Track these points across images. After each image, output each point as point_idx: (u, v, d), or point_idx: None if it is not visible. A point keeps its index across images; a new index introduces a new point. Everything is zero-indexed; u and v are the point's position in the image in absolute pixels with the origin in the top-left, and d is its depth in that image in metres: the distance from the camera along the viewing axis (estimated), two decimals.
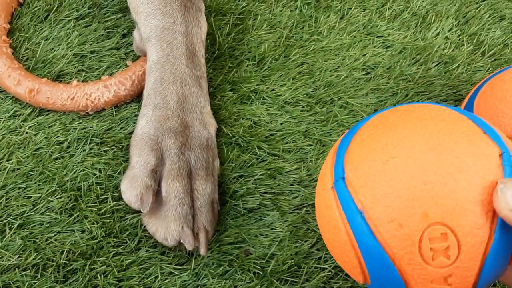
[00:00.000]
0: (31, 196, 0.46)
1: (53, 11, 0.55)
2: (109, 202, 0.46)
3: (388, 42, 0.56)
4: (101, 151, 0.48)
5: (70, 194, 0.46)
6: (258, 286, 0.43)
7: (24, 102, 0.50)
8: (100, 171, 0.47)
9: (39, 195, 0.46)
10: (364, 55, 0.55)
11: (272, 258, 0.44)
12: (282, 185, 0.48)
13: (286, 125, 0.51)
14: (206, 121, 0.47)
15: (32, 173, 0.47)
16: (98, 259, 0.44)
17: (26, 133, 0.49)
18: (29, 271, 0.43)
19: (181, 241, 0.43)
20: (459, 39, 0.57)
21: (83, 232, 0.45)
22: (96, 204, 0.46)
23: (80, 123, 0.49)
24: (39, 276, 0.43)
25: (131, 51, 0.54)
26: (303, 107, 0.52)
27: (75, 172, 0.47)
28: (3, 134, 0.49)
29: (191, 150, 0.45)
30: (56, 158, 0.48)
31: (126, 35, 0.55)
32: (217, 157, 0.47)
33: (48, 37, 0.54)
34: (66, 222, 0.45)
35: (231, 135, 0.50)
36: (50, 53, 0.53)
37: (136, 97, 0.51)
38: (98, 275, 0.43)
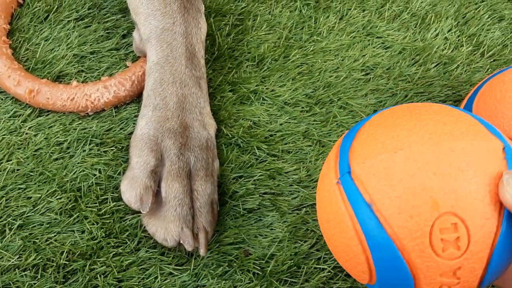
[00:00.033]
0: (31, 197, 0.46)
1: (53, 12, 0.55)
2: (109, 203, 0.46)
3: (388, 43, 0.56)
4: (101, 152, 0.48)
5: (70, 195, 0.46)
6: (258, 287, 0.43)
7: (24, 103, 0.50)
8: (100, 172, 0.47)
9: (39, 196, 0.46)
10: (364, 56, 0.55)
11: (272, 259, 0.44)
12: (282, 186, 0.48)
13: (286, 126, 0.51)
14: (206, 122, 0.47)
15: (32, 174, 0.47)
16: (98, 260, 0.44)
17: (26, 134, 0.49)
18: (29, 272, 0.43)
19: (181, 242, 0.43)
20: (459, 40, 0.57)
21: (83, 233, 0.45)
22: (96, 205, 0.46)
23: (80, 124, 0.49)
24: (39, 277, 0.43)
25: (131, 52, 0.54)
26: (303, 108, 0.52)
27: (75, 173, 0.47)
28: (3, 135, 0.49)
29: (191, 151, 0.45)
30: (56, 159, 0.48)
31: (126, 36, 0.55)
32: (217, 158, 0.47)
33: (48, 38, 0.54)
34: (66, 223, 0.45)
35: (231, 136, 0.50)
36: (50, 54, 0.53)
37: (136, 98, 0.51)
38: (98, 276, 0.43)
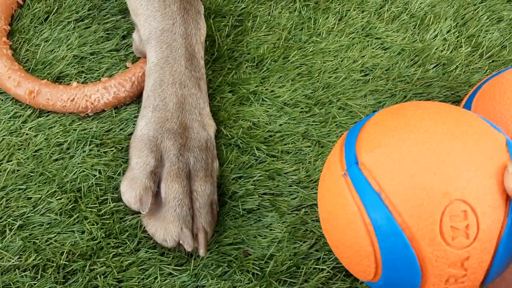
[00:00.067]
0: (31, 197, 0.46)
1: (53, 13, 0.55)
2: (109, 203, 0.46)
3: (387, 44, 0.56)
4: (101, 153, 0.48)
5: (70, 195, 0.46)
6: (257, 287, 0.43)
7: (24, 104, 0.50)
8: (100, 172, 0.47)
9: (39, 196, 0.46)
10: (363, 57, 0.55)
11: (271, 259, 0.45)
12: (281, 186, 0.48)
13: (285, 126, 0.51)
14: (205, 123, 0.47)
15: (32, 174, 0.47)
16: (98, 260, 0.44)
17: (26, 135, 0.49)
18: (29, 272, 0.43)
19: (180, 242, 0.43)
20: (457, 41, 0.57)
21: (83, 233, 0.45)
22: (96, 205, 0.46)
23: (80, 125, 0.50)
24: (39, 277, 0.43)
25: (131, 53, 0.54)
26: (302, 109, 0.52)
27: (75, 173, 0.47)
28: (3, 136, 0.49)
29: (190, 152, 0.45)
30: (56, 159, 0.48)
31: (126, 37, 0.55)
32: (216, 158, 0.48)
33: (48, 39, 0.54)
34: (66, 223, 0.45)
35: (230, 136, 0.50)
36: (50, 55, 0.53)
37: (136, 99, 0.51)
38: (98, 276, 0.43)
